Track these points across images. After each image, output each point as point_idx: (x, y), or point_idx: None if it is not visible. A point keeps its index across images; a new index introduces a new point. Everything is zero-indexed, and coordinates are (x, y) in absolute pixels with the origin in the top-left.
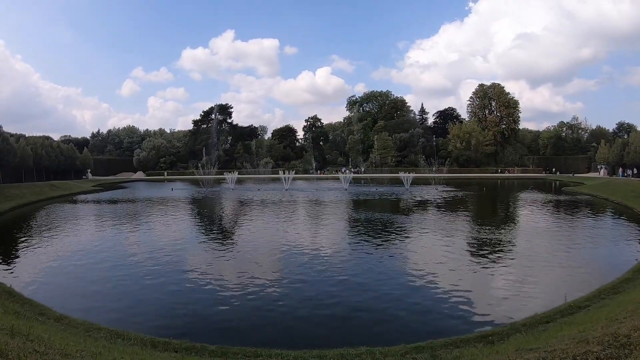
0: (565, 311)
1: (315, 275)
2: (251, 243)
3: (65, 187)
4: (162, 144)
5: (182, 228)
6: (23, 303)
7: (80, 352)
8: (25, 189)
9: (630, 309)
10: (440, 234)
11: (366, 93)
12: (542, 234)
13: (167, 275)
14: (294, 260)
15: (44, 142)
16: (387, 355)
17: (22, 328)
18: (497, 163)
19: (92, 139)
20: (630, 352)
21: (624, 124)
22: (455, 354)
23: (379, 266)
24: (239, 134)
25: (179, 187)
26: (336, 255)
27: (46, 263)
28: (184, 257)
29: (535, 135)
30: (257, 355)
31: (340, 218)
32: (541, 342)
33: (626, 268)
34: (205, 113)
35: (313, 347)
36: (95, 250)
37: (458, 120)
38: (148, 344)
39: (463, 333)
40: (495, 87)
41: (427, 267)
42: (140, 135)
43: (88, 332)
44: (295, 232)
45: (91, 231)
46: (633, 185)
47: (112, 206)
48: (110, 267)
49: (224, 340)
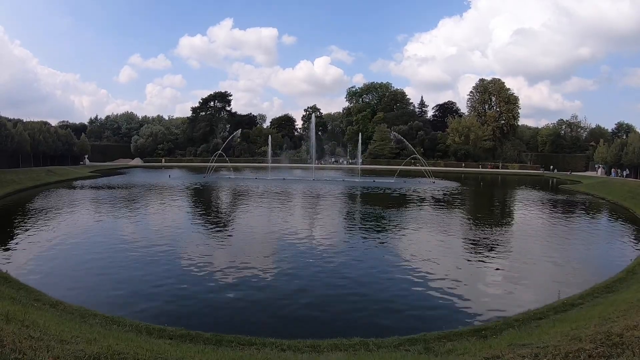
0: (558, 308)
1: (309, 267)
2: (248, 231)
3: (63, 173)
4: (160, 130)
5: (179, 214)
6: (19, 289)
7: (76, 338)
8: (22, 175)
9: (624, 309)
10: (435, 229)
11: (366, 84)
12: (537, 232)
13: (163, 261)
14: (287, 248)
15: (42, 128)
16: (381, 347)
17: (18, 314)
18: (495, 158)
19: (90, 124)
20: (623, 351)
21: (623, 124)
22: (448, 347)
23: (373, 258)
24: (238, 122)
25: (176, 174)
26: (330, 247)
27: (42, 249)
28: (180, 243)
29: (534, 132)
30: (251, 344)
31: (336, 212)
32: (534, 338)
33: (620, 268)
34: (204, 100)
35: (307, 336)
36: (91, 236)
37: (457, 114)
38: (143, 331)
39: (456, 327)
40: (496, 83)
41: (421, 261)
42: (139, 121)
43: (83, 318)
44: (291, 220)
45: (88, 217)
46: (629, 185)
47: (109, 192)
48: (107, 254)
49: (219, 328)
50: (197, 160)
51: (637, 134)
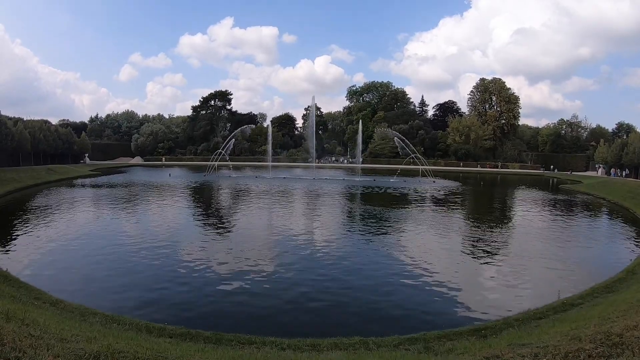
0: (558, 308)
1: (310, 265)
2: (248, 230)
3: (63, 172)
4: (161, 129)
5: (179, 213)
6: (19, 287)
7: (76, 336)
8: (22, 173)
9: (623, 309)
10: (436, 229)
11: (367, 83)
12: (537, 232)
13: (163, 260)
14: (288, 247)
15: (42, 126)
16: (381, 346)
17: (18, 312)
18: (495, 158)
19: (91, 123)
20: (622, 351)
21: (624, 124)
22: (448, 346)
23: (374, 258)
24: (238, 121)
25: (176, 173)
26: (330, 246)
27: (42, 247)
28: (180, 242)
29: (535, 132)
30: (251, 342)
31: (336, 211)
32: (534, 337)
33: (620, 268)
34: (204, 99)
35: (307, 335)
36: (91, 235)
37: (458, 113)
38: (143, 329)
39: (456, 326)
40: (497, 82)
41: (421, 260)
42: (139, 120)
43: (83, 316)
44: (291, 219)
45: (88, 216)
46: (630, 185)
47: (109, 191)
48: (107, 252)
49: (219, 327)
50: (198, 159)
51: (638, 134)
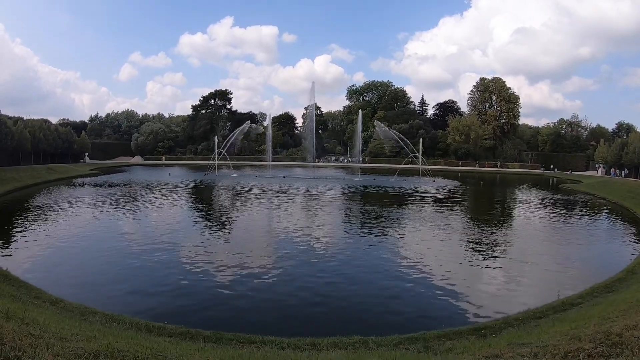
0: (557, 307)
1: (309, 265)
2: (248, 229)
3: (63, 171)
4: (161, 128)
5: (179, 212)
6: (19, 286)
7: (76, 335)
8: (22, 172)
9: (623, 308)
10: (436, 229)
11: (367, 83)
12: (537, 232)
13: (163, 259)
14: (288, 246)
15: (42, 126)
16: (380, 345)
17: (18, 311)
18: (495, 157)
19: (91, 122)
20: (622, 351)
21: (624, 124)
22: (448, 345)
23: (374, 257)
24: (238, 120)
25: (176, 172)
26: (330, 245)
27: (42, 246)
28: (180, 241)
29: (535, 132)
30: (251, 342)
31: (336, 209)
32: (533, 337)
33: (620, 267)
34: (204, 98)
35: (307, 334)
36: (91, 234)
37: (458, 113)
38: (143, 329)
39: (456, 325)
40: (497, 82)
41: (421, 260)
42: (139, 119)
43: (83, 315)
44: (291, 218)
45: (88, 215)
46: (629, 185)
47: (109, 190)
48: (107, 251)
49: (218, 326)
50: (198, 158)
51: (638, 134)
